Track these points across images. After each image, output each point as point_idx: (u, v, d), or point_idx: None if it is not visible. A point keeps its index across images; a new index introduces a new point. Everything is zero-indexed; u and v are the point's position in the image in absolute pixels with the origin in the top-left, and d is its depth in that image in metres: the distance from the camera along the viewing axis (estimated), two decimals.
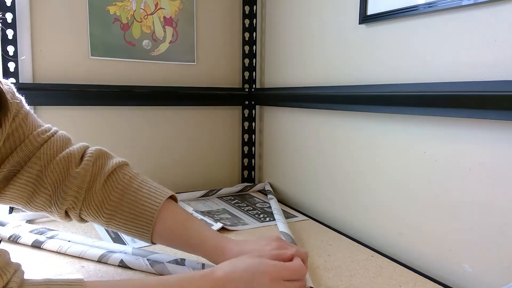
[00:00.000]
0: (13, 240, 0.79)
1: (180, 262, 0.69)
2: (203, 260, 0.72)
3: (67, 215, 0.64)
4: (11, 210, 0.99)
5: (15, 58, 0.99)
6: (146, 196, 0.64)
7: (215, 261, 0.62)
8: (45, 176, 0.61)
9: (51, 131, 0.64)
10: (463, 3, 0.66)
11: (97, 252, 0.73)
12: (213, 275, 0.52)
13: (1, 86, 0.50)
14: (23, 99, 0.61)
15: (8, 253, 0.45)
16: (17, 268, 0.45)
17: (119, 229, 0.64)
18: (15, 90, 0.59)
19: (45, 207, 0.63)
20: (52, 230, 0.82)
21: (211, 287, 0.50)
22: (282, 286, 0.52)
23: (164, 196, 0.65)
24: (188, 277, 0.53)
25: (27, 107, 0.62)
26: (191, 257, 0.73)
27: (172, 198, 0.67)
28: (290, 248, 0.59)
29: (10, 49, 0.99)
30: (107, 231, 0.87)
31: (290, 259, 0.57)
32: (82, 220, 0.65)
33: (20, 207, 0.63)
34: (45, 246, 0.77)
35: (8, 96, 0.55)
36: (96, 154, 0.65)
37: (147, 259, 0.69)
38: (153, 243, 0.66)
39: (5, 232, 0.80)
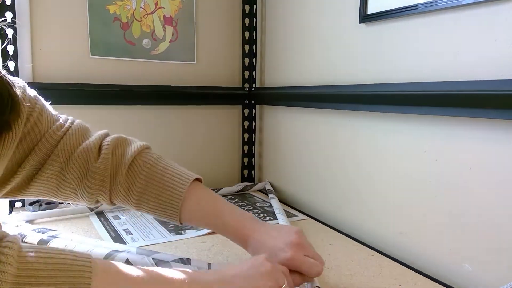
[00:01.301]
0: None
1: (186, 261, 0.69)
2: (210, 259, 0.72)
3: (97, 201, 0.66)
4: (11, 210, 0.99)
5: (15, 57, 0.99)
6: (170, 182, 0.64)
7: (239, 242, 0.64)
8: (67, 172, 0.62)
9: (66, 125, 0.64)
10: (463, 2, 0.66)
11: (102, 252, 0.72)
12: (224, 272, 0.52)
13: (13, 88, 0.49)
14: (35, 92, 0.61)
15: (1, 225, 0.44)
16: (17, 236, 0.43)
17: (149, 213, 0.66)
18: (26, 86, 0.59)
19: (72, 197, 0.64)
20: (52, 230, 0.82)
21: (218, 282, 0.50)
22: None
23: (188, 180, 0.65)
24: (199, 273, 0.53)
25: (41, 101, 0.61)
26: (198, 256, 0.74)
27: (198, 180, 0.68)
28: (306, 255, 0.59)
29: (10, 48, 0.98)
30: (107, 230, 0.87)
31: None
32: (113, 204, 0.67)
33: (48, 199, 0.64)
34: (50, 245, 0.76)
35: (19, 92, 0.54)
36: (113, 144, 0.65)
37: (152, 258, 0.70)
38: (181, 223, 0.66)
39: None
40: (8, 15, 0.98)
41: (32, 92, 0.60)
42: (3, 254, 0.38)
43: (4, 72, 0.48)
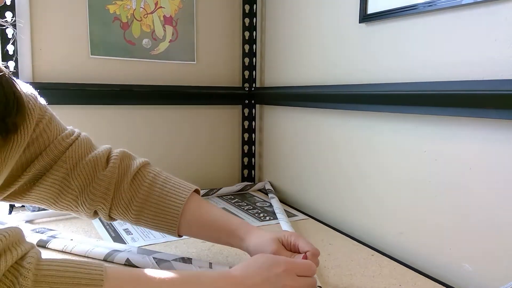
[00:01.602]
0: None
1: (187, 260, 0.70)
2: (210, 259, 0.72)
3: (95, 213, 0.67)
4: (11, 210, 0.99)
5: (15, 57, 0.99)
6: (171, 191, 0.67)
7: (240, 245, 0.66)
8: (72, 179, 0.63)
9: (74, 135, 0.66)
10: (463, 2, 0.66)
11: (102, 251, 0.73)
12: (231, 274, 0.53)
13: (20, 92, 0.50)
14: (45, 102, 0.62)
15: (23, 232, 0.46)
16: (34, 245, 0.46)
17: (147, 224, 0.67)
18: (37, 95, 0.60)
19: (71, 207, 0.65)
20: (52, 230, 0.82)
21: (231, 287, 0.51)
22: (295, 278, 0.54)
23: (188, 191, 0.67)
24: (209, 276, 0.53)
25: (50, 110, 0.63)
26: (198, 256, 0.74)
27: (196, 191, 0.70)
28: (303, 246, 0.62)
29: (10, 48, 0.98)
30: (107, 230, 0.87)
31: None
32: (111, 218, 0.68)
33: (44, 207, 0.65)
34: (50, 245, 0.76)
35: (31, 102, 0.56)
36: (120, 156, 0.67)
37: (153, 258, 0.70)
38: (179, 236, 0.68)
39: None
40: (8, 15, 0.98)
41: (42, 101, 0.61)
42: (24, 267, 0.41)
43: (9, 73, 0.48)
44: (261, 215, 1.01)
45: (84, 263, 0.45)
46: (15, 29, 0.99)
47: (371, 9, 0.85)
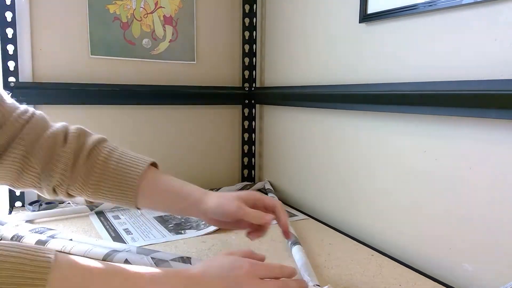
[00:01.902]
0: (16, 240, 0.79)
1: (186, 260, 0.69)
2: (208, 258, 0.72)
3: (54, 192, 0.66)
4: (11, 210, 0.99)
5: (15, 57, 0.99)
6: (127, 164, 0.66)
7: (197, 210, 0.65)
8: (32, 156, 0.63)
9: (29, 112, 0.66)
10: (463, 2, 0.66)
11: (101, 251, 0.72)
12: (188, 272, 0.52)
13: None
14: None
15: None
16: None
17: (105, 197, 0.66)
18: None
19: (34, 183, 0.65)
20: (52, 229, 0.82)
21: (184, 285, 0.50)
22: (257, 281, 0.52)
23: (145, 163, 0.67)
24: (162, 273, 0.52)
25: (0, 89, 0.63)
26: (198, 256, 0.74)
27: (153, 165, 0.70)
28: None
29: (10, 48, 0.98)
30: (107, 230, 0.87)
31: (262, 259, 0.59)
32: (69, 196, 0.67)
33: (7, 186, 0.65)
34: (48, 246, 0.76)
35: None
36: (78, 133, 0.67)
37: (152, 258, 0.70)
38: (138, 208, 0.68)
39: (7, 232, 0.80)
40: (8, 15, 0.98)
41: None
42: None
43: None
44: None
45: (33, 248, 0.43)
46: (15, 29, 0.99)
47: (371, 9, 0.85)
